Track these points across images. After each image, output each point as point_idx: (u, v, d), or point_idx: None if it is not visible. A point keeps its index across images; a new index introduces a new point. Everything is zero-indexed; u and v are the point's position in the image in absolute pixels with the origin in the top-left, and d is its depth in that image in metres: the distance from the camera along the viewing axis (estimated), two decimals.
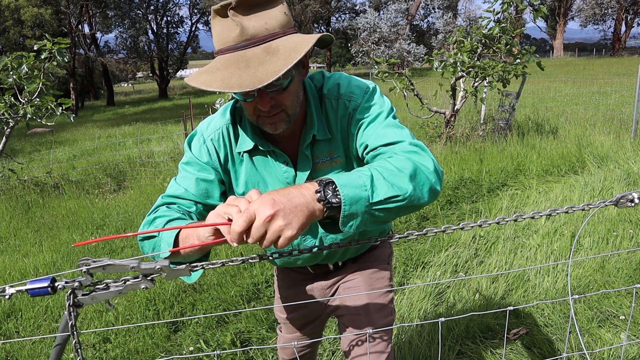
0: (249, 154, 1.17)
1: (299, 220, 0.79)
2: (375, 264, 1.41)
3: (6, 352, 2.68)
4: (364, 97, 1.13)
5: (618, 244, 3.41)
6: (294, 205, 0.79)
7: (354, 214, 0.84)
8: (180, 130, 8.98)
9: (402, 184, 0.89)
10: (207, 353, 2.30)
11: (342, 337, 1.40)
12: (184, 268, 0.86)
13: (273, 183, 1.18)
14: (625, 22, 41.82)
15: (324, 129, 1.14)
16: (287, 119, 1.05)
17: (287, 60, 0.91)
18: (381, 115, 1.10)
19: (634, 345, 2.30)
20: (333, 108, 1.14)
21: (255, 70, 0.91)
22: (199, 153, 1.17)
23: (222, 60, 0.95)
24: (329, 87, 1.15)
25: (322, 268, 1.40)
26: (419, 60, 27.30)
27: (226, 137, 1.17)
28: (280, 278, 1.52)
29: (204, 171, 1.16)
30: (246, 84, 0.89)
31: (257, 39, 0.94)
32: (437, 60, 6.74)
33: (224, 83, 0.91)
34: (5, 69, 5.14)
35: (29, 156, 9.02)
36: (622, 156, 5.48)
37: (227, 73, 0.92)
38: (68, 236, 4.44)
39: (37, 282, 0.77)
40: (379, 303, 1.37)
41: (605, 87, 11.28)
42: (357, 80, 1.16)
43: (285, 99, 1.02)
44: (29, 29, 23.32)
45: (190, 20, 35.82)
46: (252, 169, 1.18)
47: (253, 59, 0.93)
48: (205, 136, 1.17)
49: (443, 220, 4.25)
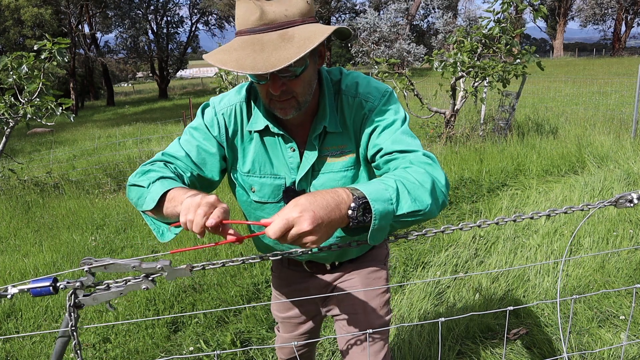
0: (259, 134, 1.19)
1: (328, 235, 0.84)
2: (372, 264, 1.42)
3: (6, 352, 2.68)
4: (381, 99, 1.14)
5: (618, 244, 3.42)
6: (329, 221, 0.82)
7: (381, 229, 0.88)
8: (180, 130, 8.99)
9: (424, 198, 0.93)
10: (207, 353, 2.30)
11: (339, 337, 1.41)
12: (184, 268, 0.86)
13: (278, 166, 1.20)
14: (625, 22, 41.83)
15: (336, 122, 1.16)
16: (297, 106, 1.07)
17: (300, 49, 0.93)
18: (397, 121, 1.12)
19: (634, 345, 2.30)
20: (349, 105, 1.16)
21: (269, 54, 0.94)
22: (210, 122, 1.19)
23: (240, 42, 0.99)
24: (348, 83, 1.17)
25: (318, 267, 1.41)
26: (419, 60, 27.29)
27: (239, 114, 1.19)
28: (276, 276, 1.52)
29: (208, 142, 1.18)
30: (258, 67, 0.92)
31: (275, 24, 0.97)
32: (437, 60, 6.74)
33: (238, 63, 0.94)
34: (5, 69, 5.14)
35: (29, 156, 9.02)
36: (622, 156, 5.49)
37: (243, 54, 0.96)
38: (68, 236, 4.44)
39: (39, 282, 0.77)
40: (376, 303, 1.38)
41: (605, 87, 11.28)
42: (376, 82, 1.19)
43: (297, 86, 1.04)
44: (29, 29, 23.32)
45: (190, 20, 35.83)
46: (261, 149, 1.20)
47: (268, 43, 0.95)
48: (217, 109, 1.20)
49: (443, 220, 4.25)
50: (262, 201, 1.23)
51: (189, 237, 3.98)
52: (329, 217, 0.82)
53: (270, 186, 1.21)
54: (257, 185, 1.21)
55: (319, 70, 1.16)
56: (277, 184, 1.21)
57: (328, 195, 0.85)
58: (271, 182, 1.21)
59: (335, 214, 0.83)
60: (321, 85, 1.16)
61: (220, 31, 36.72)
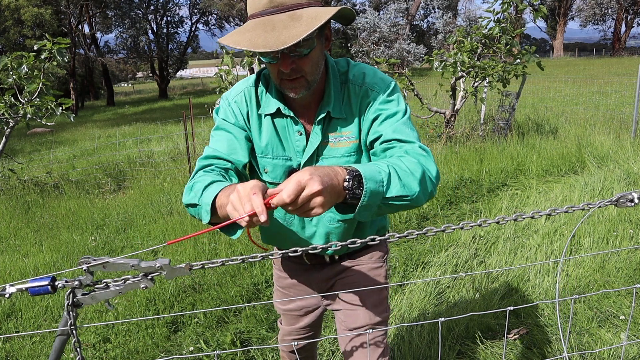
0: (271, 117, 1.25)
1: (332, 201, 0.91)
2: (372, 261, 1.45)
3: (6, 352, 2.68)
4: (386, 90, 1.21)
5: (618, 244, 3.41)
6: (332, 187, 0.90)
7: (369, 206, 0.95)
8: (180, 130, 8.98)
9: (413, 186, 1.00)
10: (207, 353, 2.30)
11: (339, 332, 1.45)
12: (183, 267, 0.86)
13: (288, 148, 1.26)
14: (625, 22, 41.83)
15: (340, 109, 1.22)
16: (307, 85, 1.14)
17: (309, 26, 1.00)
18: (399, 112, 1.19)
19: (634, 345, 2.30)
20: (356, 93, 1.22)
21: (280, 33, 1.01)
22: (225, 115, 1.26)
23: (252, 24, 1.07)
24: (355, 73, 1.23)
25: (318, 259, 1.44)
26: (419, 60, 27.29)
27: (247, 98, 1.26)
28: (277, 269, 1.56)
29: (233, 130, 1.25)
30: (270, 45, 1.00)
31: (284, 6, 1.05)
32: (437, 60, 6.74)
33: (251, 42, 1.02)
34: (5, 69, 5.14)
35: (29, 156, 9.02)
36: (622, 156, 5.48)
37: (255, 34, 1.03)
38: (68, 236, 4.44)
39: (38, 281, 0.77)
40: (376, 299, 1.41)
41: (605, 87, 11.28)
42: (381, 74, 1.25)
43: (306, 65, 1.10)
44: (29, 29, 23.30)
45: (190, 20, 35.81)
46: (273, 132, 1.26)
47: (279, 23, 1.03)
48: (229, 99, 1.28)
49: (443, 220, 4.25)
50: (274, 182, 1.28)
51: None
52: (331, 184, 0.89)
53: (282, 167, 1.27)
54: (270, 167, 1.27)
55: (326, 57, 1.22)
56: (288, 165, 1.27)
57: (327, 167, 0.93)
58: (283, 163, 1.27)
59: (334, 182, 0.90)
60: (327, 71, 1.22)
61: (220, 31, 36.71)
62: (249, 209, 0.87)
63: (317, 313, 1.56)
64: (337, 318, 1.49)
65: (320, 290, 1.49)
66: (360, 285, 1.41)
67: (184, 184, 5.94)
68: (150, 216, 4.84)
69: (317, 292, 1.50)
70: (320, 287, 1.48)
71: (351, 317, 1.41)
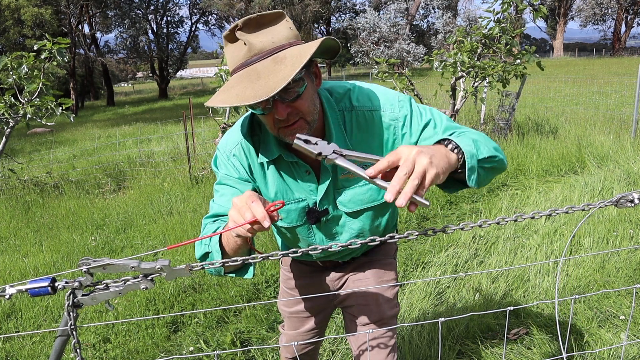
0: (273, 164, 1.20)
1: (444, 166, 0.90)
2: (383, 257, 1.47)
3: (6, 352, 2.68)
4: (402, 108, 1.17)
5: (618, 244, 3.41)
6: (441, 155, 0.91)
7: (473, 167, 0.97)
8: (180, 130, 8.97)
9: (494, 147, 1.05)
10: (207, 353, 2.30)
11: (349, 328, 1.47)
12: (183, 268, 0.86)
13: (298, 190, 1.22)
14: (625, 22, 41.83)
15: (344, 140, 1.16)
16: (307, 126, 1.06)
17: (295, 66, 0.94)
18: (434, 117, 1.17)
19: (634, 345, 2.30)
20: (367, 119, 1.17)
21: (267, 80, 0.94)
22: (227, 170, 1.21)
23: (236, 77, 1.00)
24: (359, 97, 1.18)
25: (332, 261, 1.45)
26: (419, 60, 27.28)
27: (246, 150, 1.20)
28: (286, 270, 1.55)
29: (237, 185, 1.20)
30: (260, 94, 0.93)
31: (264, 51, 0.99)
32: (437, 60, 6.73)
33: (240, 97, 0.95)
34: (5, 69, 5.14)
35: (29, 156, 9.01)
36: (622, 156, 5.48)
37: (242, 88, 0.96)
38: (68, 236, 4.44)
39: (38, 282, 0.77)
40: (387, 295, 1.43)
41: (605, 87, 11.28)
42: (388, 92, 1.20)
43: (301, 106, 1.04)
44: (29, 29, 23.30)
45: (190, 20, 35.80)
46: (279, 178, 1.21)
47: (263, 70, 0.97)
48: (227, 153, 1.22)
49: (443, 220, 4.25)
50: (291, 226, 1.27)
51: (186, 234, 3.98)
52: (439, 153, 0.90)
53: (295, 211, 1.24)
54: (284, 213, 1.25)
55: (319, 93, 1.16)
56: (301, 207, 1.23)
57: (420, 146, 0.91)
58: (295, 206, 1.23)
59: (439, 152, 0.91)
60: (323, 106, 1.16)
61: (220, 31, 36.68)
62: (250, 217, 0.86)
63: (325, 314, 1.56)
64: (346, 315, 1.49)
65: (331, 289, 1.49)
66: (372, 280, 1.43)
67: (184, 184, 5.94)
68: (150, 216, 4.84)
69: (328, 291, 1.49)
70: (332, 286, 1.49)
71: (363, 313, 1.42)
